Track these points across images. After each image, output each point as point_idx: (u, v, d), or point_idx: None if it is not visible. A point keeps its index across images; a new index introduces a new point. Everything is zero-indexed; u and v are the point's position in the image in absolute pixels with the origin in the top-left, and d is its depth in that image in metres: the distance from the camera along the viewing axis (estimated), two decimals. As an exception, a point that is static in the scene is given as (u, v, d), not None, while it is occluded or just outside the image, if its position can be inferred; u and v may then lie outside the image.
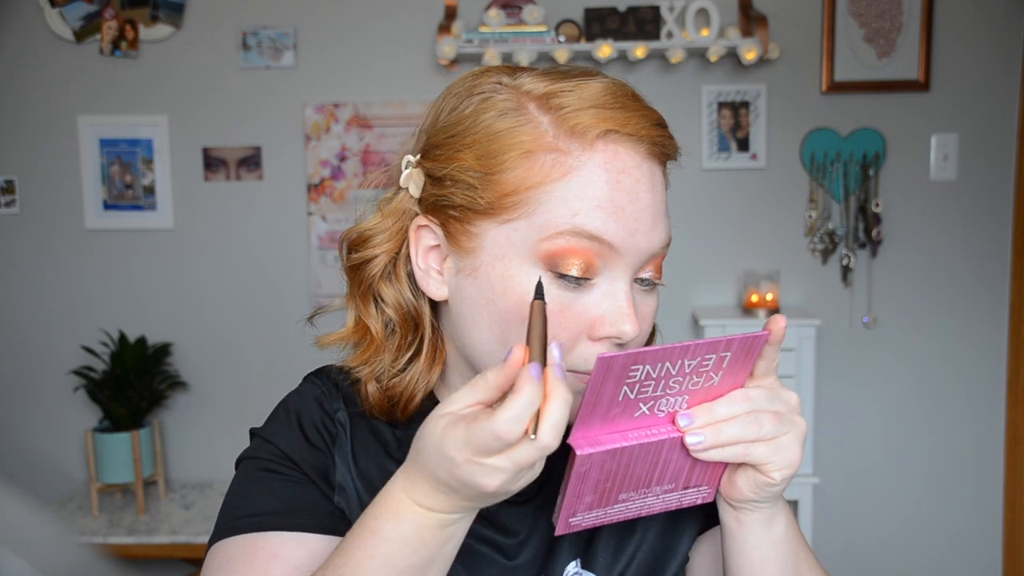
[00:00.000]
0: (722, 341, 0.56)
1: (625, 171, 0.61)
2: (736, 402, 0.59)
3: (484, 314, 0.63)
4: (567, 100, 0.62)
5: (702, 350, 0.56)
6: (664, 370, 0.56)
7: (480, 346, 0.65)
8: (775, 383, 0.61)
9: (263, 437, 0.71)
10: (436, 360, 0.70)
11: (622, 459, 0.58)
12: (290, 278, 2.66)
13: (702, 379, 0.58)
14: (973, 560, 2.66)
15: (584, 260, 0.60)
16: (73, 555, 1.92)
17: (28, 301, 2.69)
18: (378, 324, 0.70)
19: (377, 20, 2.59)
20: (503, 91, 0.64)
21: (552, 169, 0.60)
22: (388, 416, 0.71)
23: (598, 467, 0.57)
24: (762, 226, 2.61)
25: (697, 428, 0.58)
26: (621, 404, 0.57)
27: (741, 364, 0.59)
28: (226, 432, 2.64)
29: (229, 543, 0.65)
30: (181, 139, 2.64)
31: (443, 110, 0.67)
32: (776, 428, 0.59)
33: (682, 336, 2.61)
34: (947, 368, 2.62)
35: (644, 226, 0.62)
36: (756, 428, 0.59)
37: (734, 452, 0.59)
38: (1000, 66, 2.54)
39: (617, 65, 2.52)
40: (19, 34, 2.60)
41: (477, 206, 0.62)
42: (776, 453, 0.59)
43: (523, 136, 0.61)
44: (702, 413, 0.59)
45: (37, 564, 1.63)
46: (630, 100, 0.63)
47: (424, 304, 0.70)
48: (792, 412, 0.61)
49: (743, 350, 0.58)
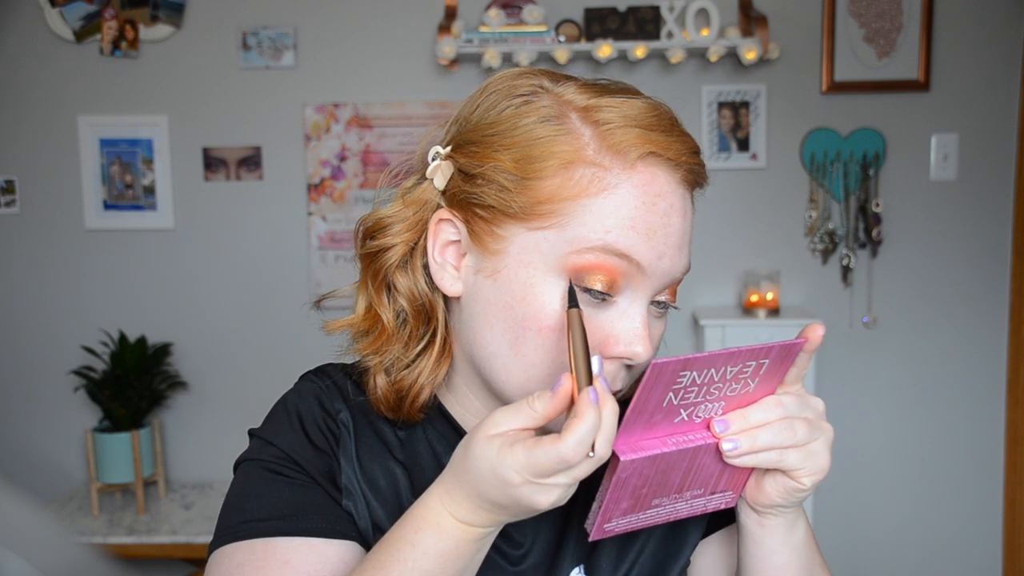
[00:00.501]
0: (763, 348, 0.57)
1: (661, 195, 0.61)
2: (770, 408, 0.60)
3: (499, 317, 0.63)
4: (610, 116, 0.61)
5: (744, 357, 0.56)
6: (708, 376, 0.56)
7: (488, 348, 0.64)
8: (802, 389, 0.62)
9: (263, 438, 0.70)
10: (445, 356, 0.70)
11: (660, 465, 0.58)
12: (290, 278, 2.66)
13: (740, 385, 0.58)
14: (973, 560, 2.66)
15: (610, 277, 0.60)
16: (73, 555, 1.92)
17: (28, 301, 2.69)
18: (390, 313, 0.69)
19: (377, 20, 2.59)
20: (545, 97, 0.64)
21: (590, 184, 0.60)
22: (394, 412, 0.70)
23: (638, 473, 0.57)
24: (762, 226, 2.61)
25: (732, 434, 0.59)
26: (664, 410, 0.57)
27: (775, 371, 0.59)
28: (226, 432, 2.64)
29: (236, 548, 0.64)
30: (181, 139, 2.64)
31: (480, 106, 0.66)
32: (808, 434, 0.60)
33: (680, 338, 2.61)
34: (947, 368, 2.62)
35: (672, 250, 0.62)
36: (790, 434, 0.59)
37: (768, 458, 0.60)
38: (1000, 66, 2.54)
39: (617, 65, 2.52)
40: (19, 34, 2.60)
41: (509, 209, 0.62)
42: (807, 459, 0.60)
43: (564, 146, 0.61)
44: (737, 419, 0.59)
45: (37, 564, 1.64)
46: (671, 125, 0.63)
47: (438, 298, 0.69)
48: (820, 418, 0.62)
49: (780, 357, 0.58)
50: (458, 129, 0.67)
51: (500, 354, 0.63)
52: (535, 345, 0.61)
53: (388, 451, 0.70)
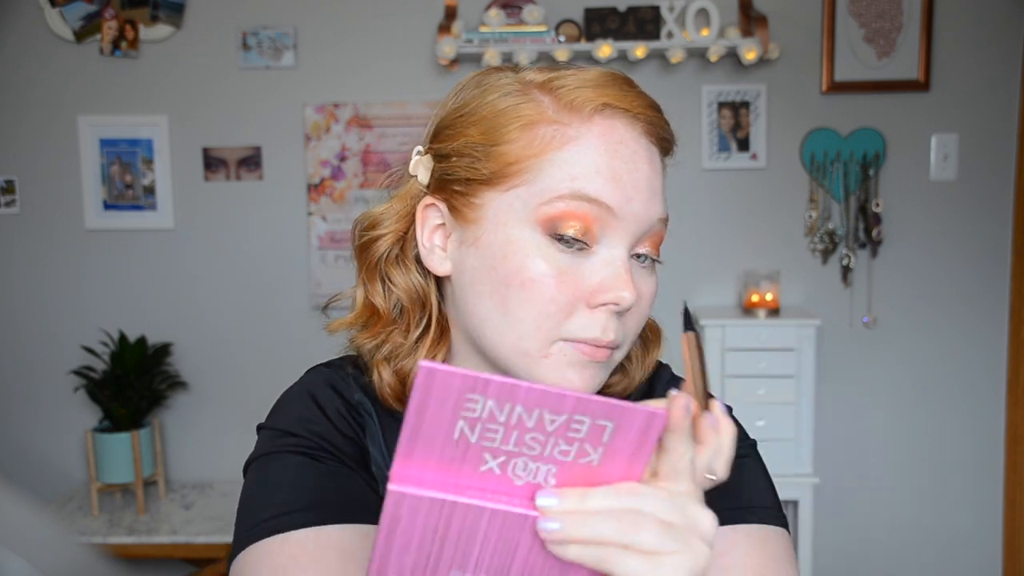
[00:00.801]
0: (594, 402, 0.45)
1: (623, 142, 0.63)
2: (620, 495, 0.47)
3: (485, 282, 0.64)
4: (566, 82, 0.64)
5: (567, 406, 0.44)
6: (515, 416, 0.44)
7: (479, 315, 0.65)
8: (687, 492, 0.49)
9: (281, 430, 0.68)
10: (443, 340, 0.71)
11: (452, 519, 0.46)
12: (290, 278, 2.66)
13: (573, 449, 0.46)
14: (973, 560, 2.66)
15: (582, 223, 0.61)
16: (73, 555, 1.92)
17: (28, 301, 2.69)
18: (385, 303, 0.71)
19: (377, 20, 2.60)
20: (508, 78, 0.67)
21: (552, 139, 0.63)
22: (401, 402, 0.70)
23: (420, 518, 0.46)
24: (762, 226, 2.61)
25: (556, 512, 0.47)
26: (459, 446, 0.45)
27: (632, 450, 0.47)
28: (226, 432, 2.64)
29: (282, 541, 0.60)
30: (181, 139, 2.64)
31: (451, 102, 0.70)
32: (659, 542, 0.47)
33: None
34: (947, 368, 2.62)
35: (642, 195, 0.63)
36: (631, 531, 0.46)
37: (596, 555, 0.47)
38: (1000, 66, 2.53)
39: (617, 65, 2.52)
40: (19, 34, 2.60)
41: (480, 176, 0.64)
42: (652, 572, 0.46)
43: (525, 111, 0.64)
44: (571, 497, 0.47)
45: (37, 564, 1.63)
46: (626, 83, 0.66)
47: (431, 285, 0.71)
48: (693, 533, 0.48)
49: (630, 428, 0.46)
50: (434, 125, 0.71)
51: (490, 318, 0.64)
52: (520, 300, 0.62)
53: None
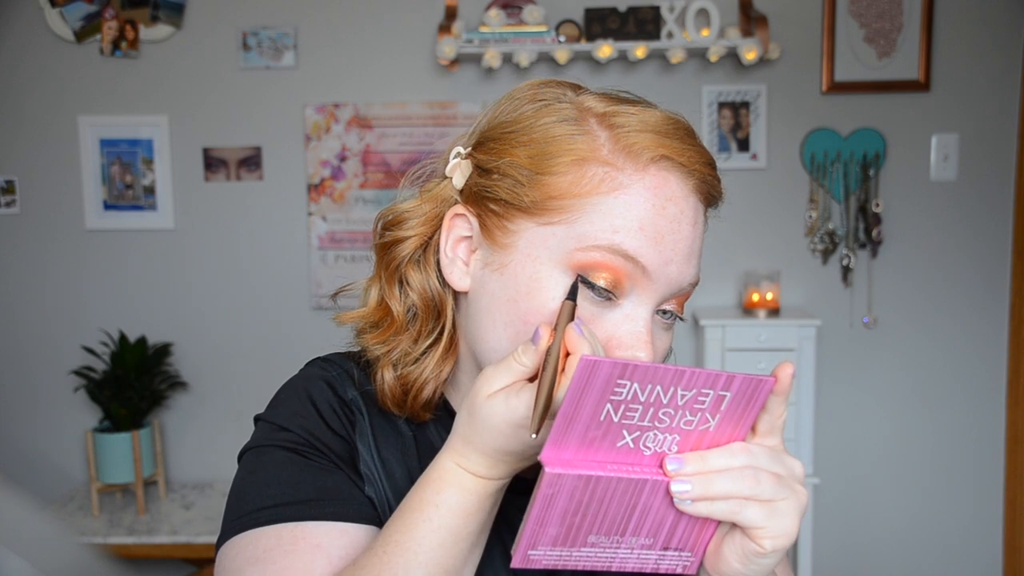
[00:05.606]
0: (722, 376, 0.51)
1: (672, 199, 0.61)
2: (734, 454, 0.54)
3: (503, 311, 0.63)
4: (627, 120, 0.62)
5: (698, 381, 0.51)
6: (654, 395, 0.51)
7: (490, 343, 0.64)
8: (779, 445, 0.57)
9: (275, 423, 0.68)
10: (451, 352, 0.70)
11: (596, 491, 0.52)
12: (290, 278, 2.66)
13: (696, 419, 0.53)
14: (973, 560, 2.66)
15: (614, 276, 0.60)
16: (73, 555, 1.92)
17: (28, 301, 2.69)
18: (400, 307, 0.70)
19: (377, 20, 2.60)
20: (565, 101, 0.65)
21: (601, 182, 0.60)
22: (399, 408, 0.70)
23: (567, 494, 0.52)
24: (762, 226, 2.61)
25: (686, 475, 0.53)
26: (603, 427, 0.52)
27: (742, 412, 0.54)
28: (226, 432, 2.64)
29: (260, 534, 0.62)
30: (181, 139, 2.64)
31: (503, 110, 0.68)
32: (775, 491, 0.54)
33: (680, 339, 2.61)
34: (947, 368, 2.62)
35: (680, 257, 0.62)
36: (753, 484, 0.53)
37: (724, 508, 0.53)
38: (1000, 66, 2.54)
39: (617, 65, 2.52)
40: (19, 34, 2.60)
41: (520, 203, 0.62)
42: (771, 518, 0.53)
43: (579, 144, 0.61)
44: (694, 459, 0.54)
45: (37, 564, 1.63)
46: (688, 135, 0.64)
47: (449, 294, 0.70)
48: (794, 480, 0.55)
49: (744, 394, 0.53)
50: (481, 130, 0.69)
51: (500, 348, 0.63)
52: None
53: (402, 442, 0.70)
